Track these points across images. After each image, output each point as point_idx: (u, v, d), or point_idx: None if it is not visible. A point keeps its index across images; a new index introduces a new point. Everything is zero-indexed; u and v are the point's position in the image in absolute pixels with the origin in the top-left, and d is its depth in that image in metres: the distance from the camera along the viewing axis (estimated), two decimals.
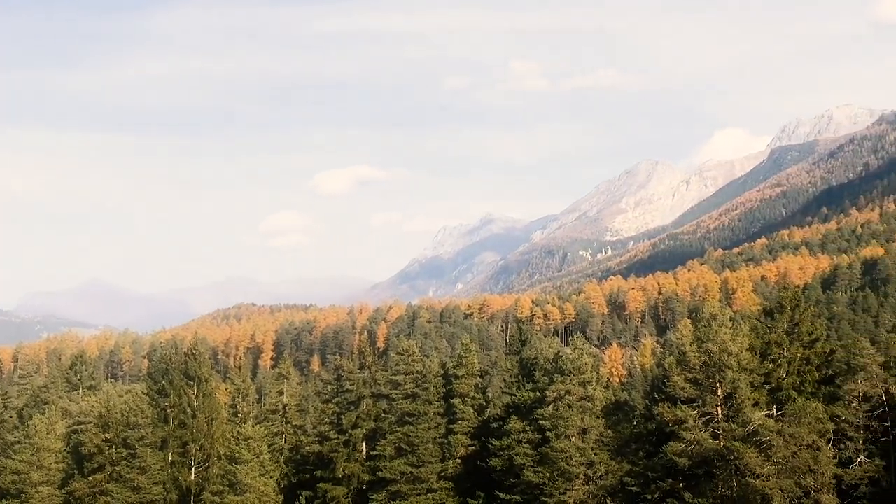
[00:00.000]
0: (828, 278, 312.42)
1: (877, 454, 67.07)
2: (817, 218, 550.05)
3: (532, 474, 73.31)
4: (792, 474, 60.80)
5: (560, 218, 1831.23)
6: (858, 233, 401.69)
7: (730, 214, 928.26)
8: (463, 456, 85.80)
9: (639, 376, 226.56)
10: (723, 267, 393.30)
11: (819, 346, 73.44)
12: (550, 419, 74.14)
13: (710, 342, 64.85)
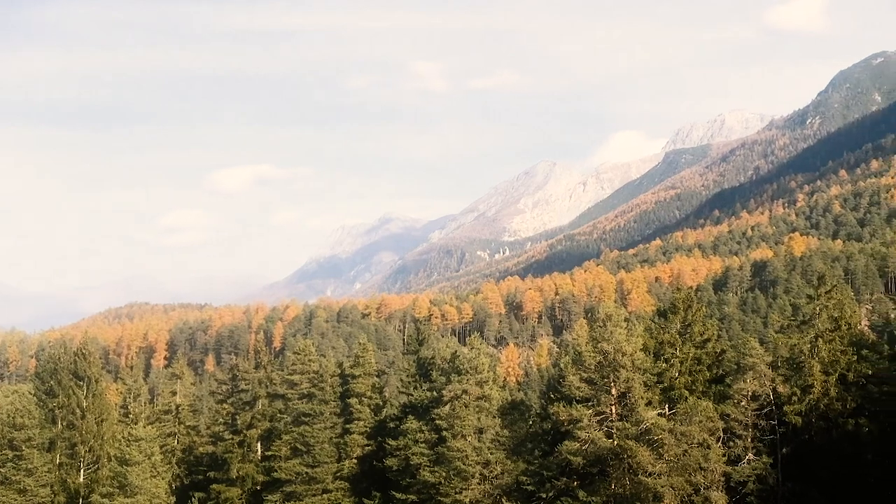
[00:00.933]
0: (719, 279, 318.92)
1: (764, 452, 68.58)
2: (710, 220, 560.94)
3: (428, 474, 73.32)
4: (683, 472, 61.78)
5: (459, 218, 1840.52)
6: (749, 235, 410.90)
7: (626, 216, 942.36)
8: (359, 456, 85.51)
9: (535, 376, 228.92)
10: (618, 268, 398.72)
11: (710, 346, 74.86)
12: (447, 419, 74.24)
13: (606, 342, 65.52)
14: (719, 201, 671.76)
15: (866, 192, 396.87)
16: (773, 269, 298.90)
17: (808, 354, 72.78)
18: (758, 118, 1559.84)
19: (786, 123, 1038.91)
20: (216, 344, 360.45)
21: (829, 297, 75.36)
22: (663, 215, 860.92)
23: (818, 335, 73.57)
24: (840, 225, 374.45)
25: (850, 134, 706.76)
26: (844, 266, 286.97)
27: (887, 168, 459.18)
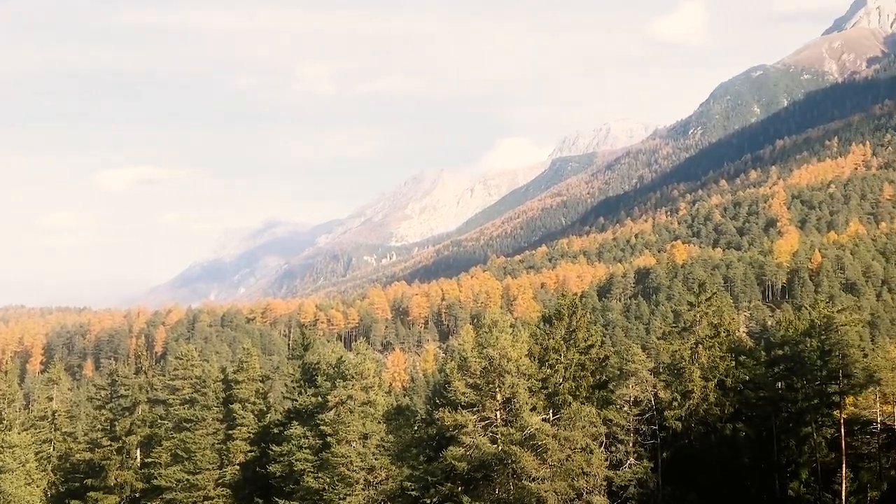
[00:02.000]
0: (604, 286, 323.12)
1: (645, 456, 69.63)
2: (595, 227, 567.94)
3: (312, 480, 72.68)
4: (566, 476, 62.24)
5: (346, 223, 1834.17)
6: (633, 243, 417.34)
7: (512, 222, 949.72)
8: (242, 462, 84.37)
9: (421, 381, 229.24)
10: (505, 274, 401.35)
11: (594, 353, 75.80)
12: (332, 424, 73.74)
13: (491, 348, 65.68)
14: (604, 209, 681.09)
15: (745, 202, 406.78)
16: (655, 277, 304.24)
17: (688, 360, 74.21)
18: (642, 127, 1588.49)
19: (669, 133, 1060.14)
20: (95, 349, 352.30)
21: (709, 305, 76.97)
22: (549, 222, 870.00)
23: (698, 342, 75.06)
24: (720, 233, 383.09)
25: (731, 144, 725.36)
26: (724, 274, 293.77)
27: (765, 178, 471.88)
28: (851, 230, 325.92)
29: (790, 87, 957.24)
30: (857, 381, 77.64)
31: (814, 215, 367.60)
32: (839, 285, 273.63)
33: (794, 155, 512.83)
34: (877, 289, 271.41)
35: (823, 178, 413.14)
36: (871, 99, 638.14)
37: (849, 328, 78.75)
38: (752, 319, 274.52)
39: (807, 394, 78.08)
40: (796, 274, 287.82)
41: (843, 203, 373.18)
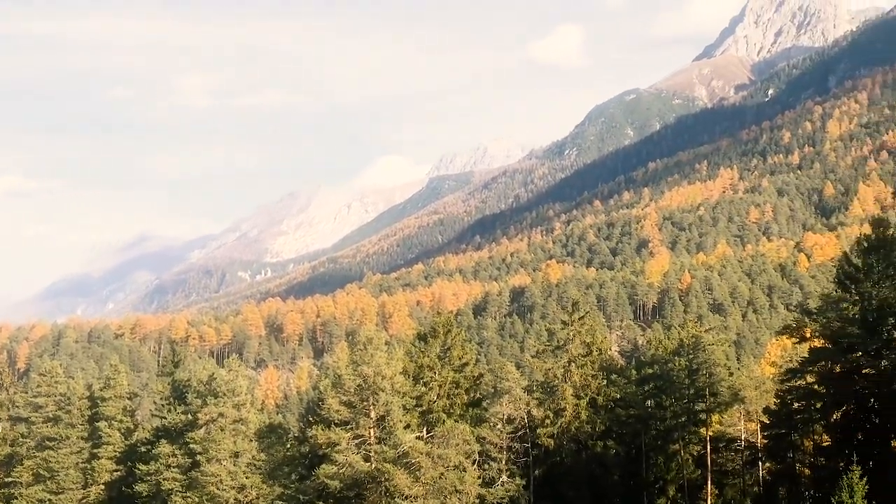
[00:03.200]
0: (479, 304, 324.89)
1: (518, 474, 69.94)
2: (471, 246, 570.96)
3: (180, 499, 71.24)
4: (439, 494, 62.08)
5: (220, 238, 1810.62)
6: (508, 261, 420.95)
7: (389, 240, 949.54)
8: (107, 482, 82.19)
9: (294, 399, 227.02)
10: (381, 291, 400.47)
11: (468, 370, 75.92)
12: (202, 443, 72.41)
13: (366, 365, 65.27)
14: (481, 227, 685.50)
15: (619, 223, 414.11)
16: (530, 295, 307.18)
17: (561, 379, 74.85)
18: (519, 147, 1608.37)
19: (545, 154, 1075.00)
20: None
21: (582, 324, 77.82)
22: (426, 240, 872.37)
23: (571, 360, 75.79)
24: (594, 253, 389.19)
25: (605, 166, 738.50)
26: (597, 293, 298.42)
27: (638, 200, 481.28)
28: (719, 252, 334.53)
29: (662, 110, 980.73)
30: (722, 399, 79.56)
31: (684, 237, 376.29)
32: (707, 305, 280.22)
33: (665, 177, 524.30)
34: (742, 309, 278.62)
35: (693, 201, 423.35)
36: (739, 124, 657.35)
37: (715, 347, 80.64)
38: (624, 338, 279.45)
39: (675, 412, 79.60)
40: (667, 294, 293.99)
41: (712, 225, 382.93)
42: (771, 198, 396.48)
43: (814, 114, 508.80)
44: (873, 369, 60.83)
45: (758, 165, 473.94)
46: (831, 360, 63.37)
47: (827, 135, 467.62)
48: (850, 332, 60.60)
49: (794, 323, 70.99)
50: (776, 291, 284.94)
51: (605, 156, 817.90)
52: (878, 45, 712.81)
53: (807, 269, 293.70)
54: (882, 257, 60.81)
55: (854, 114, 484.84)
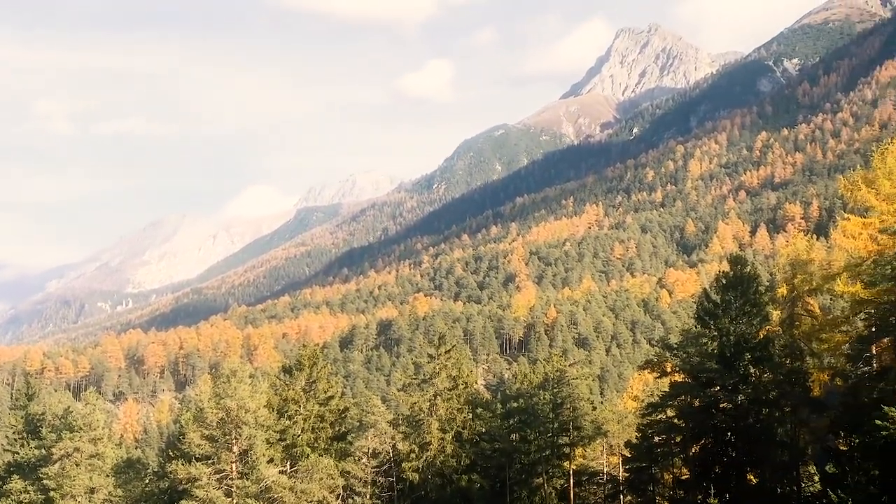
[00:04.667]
0: (346, 337, 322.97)
1: None
2: (339, 278, 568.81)
3: None
4: None
5: (79, 267, 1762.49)
6: (376, 294, 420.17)
7: (255, 271, 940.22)
8: None
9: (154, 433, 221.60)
10: (246, 323, 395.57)
11: (334, 404, 75.20)
12: (56, 478, 69.96)
13: (229, 398, 63.95)
14: (349, 260, 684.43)
15: (486, 257, 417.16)
16: (397, 328, 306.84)
17: (427, 412, 74.64)
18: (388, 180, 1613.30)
19: (414, 187, 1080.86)
20: None
21: (449, 357, 77.80)
22: (293, 271, 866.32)
23: (437, 394, 75.65)
24: (462, 287, 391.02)
25: (473, 200, 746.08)
26: (464, 327, 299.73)
27: (506, 234, 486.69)
28: (584, 287, 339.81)
29: (530, 146, 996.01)
30: (586, 433, 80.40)
31: (550, 271, 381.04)
32: (572, 340, 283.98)
33: (532, 212, 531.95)
34: (606, 343, 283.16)
35: (560, 236, 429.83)
36: (605, 161, 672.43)
37: (579, 382, 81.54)
38: (490, 372, 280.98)
39: (539, 445, 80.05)
40: (533, 328, 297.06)
41: (578, 260, 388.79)
42: (635, 234, 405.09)
43: (676, 153, 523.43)
44: (730, 404, 62.21)
45: (622, 202, 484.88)
46: (691, 395, 64.57)
47: (688, 174, 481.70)
48: (708, 367, 61.88)
49: (656, 358, 72.21)
50: (639, 326, 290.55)
51: (474, 190, 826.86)
52: (737, 87, 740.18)
53: (668, 304, 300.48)
54: (739, 294, 62.39)
55: (714, 154, 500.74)
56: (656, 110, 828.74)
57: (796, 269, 66.38)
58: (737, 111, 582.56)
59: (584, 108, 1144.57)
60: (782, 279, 68.31)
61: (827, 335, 64.78)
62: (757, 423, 61.53)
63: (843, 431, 59.75)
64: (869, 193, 58.62)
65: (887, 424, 50.86)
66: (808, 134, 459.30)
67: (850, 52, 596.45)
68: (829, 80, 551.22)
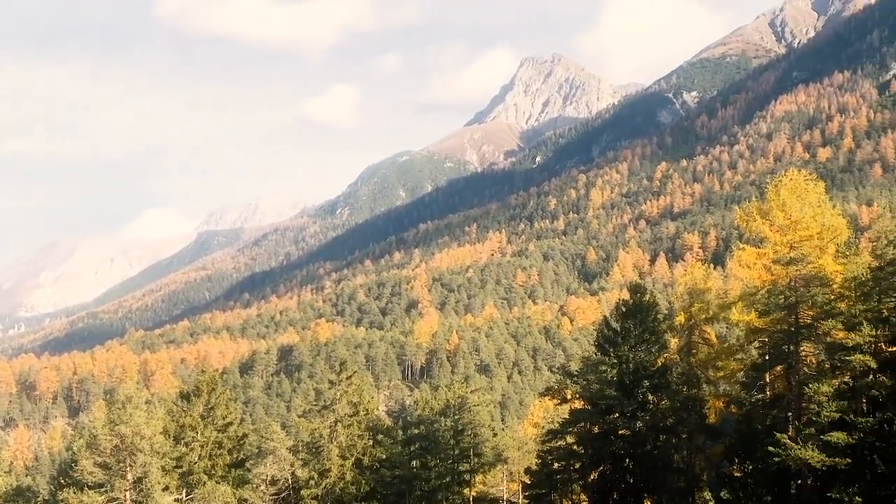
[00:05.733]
0: (246, 363, 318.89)
1: None
2: (240, 303, 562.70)
3: None
4: None
5: None
6: (277, 319, 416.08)
7: (154, 295, 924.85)
8: None
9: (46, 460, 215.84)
10: (143, 348, 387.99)
11: (232, 430, 74.21)
12: None
13: (124, 425, 62.61)
14: (250, 284, 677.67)
15: (389, 283, 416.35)
16: (299, 354, 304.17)
17: (327, 439, 74.10)
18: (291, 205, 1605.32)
19: (317, 212, 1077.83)
20: None
21: (350, 383, 77.42)
22: (193, 296, 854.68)
23: (338, 420, 75.19)
24: (364, 313, 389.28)
25: (377, 226, 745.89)
26: (366, 353, 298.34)
27: (409, 260, 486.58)
28: (487, 313, 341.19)
29: (434, 173, 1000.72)
30: (486, 459, 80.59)
31: (453, 298, 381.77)
32: (474, 366, 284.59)
33: (436, 239, 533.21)
34: (508, 370, 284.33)
35: (463, 263, 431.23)
36: (508, 189, 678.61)
37: (481, 408, 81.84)
38: (392, 398, 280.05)
39: (440, 472, 80.00)
40: (435, 354, 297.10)
41: (480, 287, 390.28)
42: (537, 262, 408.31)
43: (578, 182, 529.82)
44: (629, 430, 62.92)
45: (525, 230, 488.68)
46: (590, 422, 65.11)
47: (590, 202, 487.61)
48: (608, 394, 62.49)
49: (556, 384, 72.62)
50: (540, 353, 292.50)
51: (378, 216, 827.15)
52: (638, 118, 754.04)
53: (570, 331, 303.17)
54: (639, 322, 63.21)
55: (615, 183, 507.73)
56: (559, 139, 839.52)
57: (694, 298, 67.40)
58: (638, 141, 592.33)
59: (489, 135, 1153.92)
60: (680, 307, 69.30)
61: (722, 363, 65.86)
62: (654, 450, 62.31)
63: (737, 458, 60.88)
64: (763, 224, 59.89)
65: (779, 451, 51.93)
66: (706, 165, 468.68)
67: (746, 87, 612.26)
68: (726, 112, 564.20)
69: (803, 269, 56.83)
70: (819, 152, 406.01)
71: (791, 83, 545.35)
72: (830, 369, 55.83)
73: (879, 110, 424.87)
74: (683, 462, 63.97)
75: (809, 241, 57.27)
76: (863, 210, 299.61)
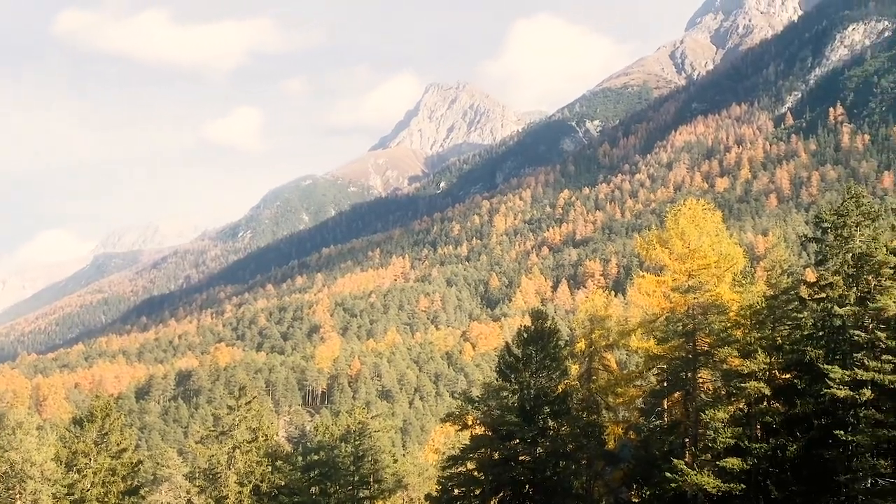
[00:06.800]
0: (143, 388, 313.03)
1: None
2: (137, 327, 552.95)
3: None
4: None
5: None
6: (176, 343, 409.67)
7: (47, 318, 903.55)
8: None
9: None
10: (35, 372, 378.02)
11: (127, 457, 72.61)
12: None
13: (14, 451, 61.00)
14: (148, 308, 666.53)
15: (291, 307, 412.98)
16: (197, 379, 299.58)
17: (224, 465, 72.99)
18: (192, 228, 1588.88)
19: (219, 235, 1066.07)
20: None
21: (249, 409, 76.44)
22: (89, 319, 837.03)
23: (236, 446, 74.11)
24: (265, 337, 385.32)
25: (279, 250, 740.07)
26: (266, 378, 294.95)
27: (311, 285, 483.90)
28: (389, 339, 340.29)
29: (338, 197, 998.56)
30: (386, 485, 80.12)
31: (355, 323, 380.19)
32: (376, 392, 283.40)
33: (339, 263, 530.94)
34: (410, 396, 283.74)
35: (366, 288, 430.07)
36: (412, 214, 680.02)
37: (382, 434, 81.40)
38: (292, 424, 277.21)
39: (339, 498, 79.26)
40: (336, 380, 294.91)
41: (383, 312, 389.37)
42: (440, 287, 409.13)
43: (482, 208, 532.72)
44: (529, 456, 63.08)
45: (429, 255, 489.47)
46: (491, 448, 65.12)
47: (494, 229, 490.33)
48: (509, 420, 62.58)
49: (458, 411, 72.54)
50: (442, 379, 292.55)
51: (280, 240, 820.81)
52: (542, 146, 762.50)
53: (472, 357, 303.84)
54: (540, 348, 63.51)
55: (519, 210, 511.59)
56: (464, 165, 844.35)
57: (594, 325, 68.03)
58: (541, 169, 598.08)
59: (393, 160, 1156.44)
60: (581, 334, 69.91)
61: (622, 389, 66.53)
62: (554, 476, 62.51)
63: (636, 484, 61.43)
64: (663, 253, 60.78)
65: (676, 477, 52.51)
66: (607, 193, 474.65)
67: (647, 116, 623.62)
68: (628, 142, 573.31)
69: (701, 296, 57.79)
70: (717, 182, 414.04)
71: (691, 114, 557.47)
72: (726, 396, 56.77)
73: (775, 142, 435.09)
74: (583, 488, 64.26)
75: (707, 270, 58.27)
76: (759, 240, 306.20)
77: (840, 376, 50.10)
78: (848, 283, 53.19)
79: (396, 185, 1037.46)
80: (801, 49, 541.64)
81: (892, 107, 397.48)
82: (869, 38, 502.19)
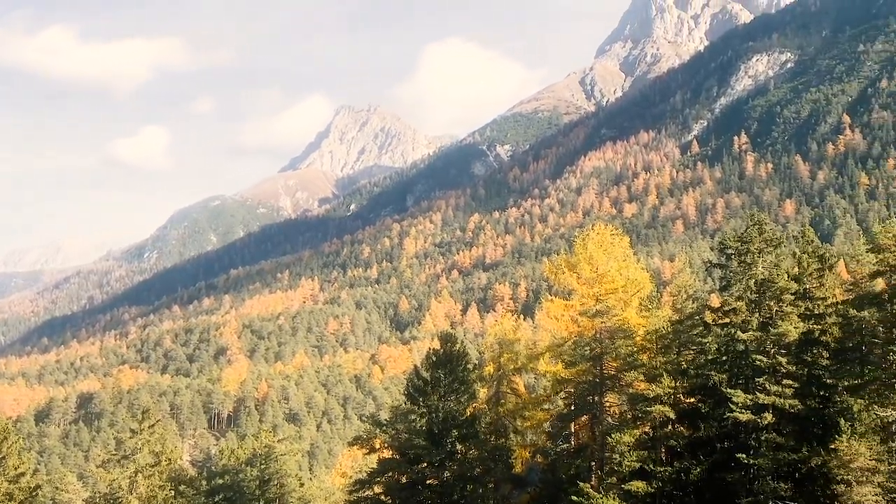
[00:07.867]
0: (42, 410, 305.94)
1: None
2: (38, 348, 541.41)
3: None
4: None
5: None
6: (77, 366, 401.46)
7: None
8: None
9: None
10: None
11: (24, 482, 70.69)
12: None
13: None
14: (49, 329, 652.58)
15: (197, 329, 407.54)
16: (99, 402, 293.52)
17: (126, 490, 71.49)
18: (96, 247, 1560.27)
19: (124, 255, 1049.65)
20: None
21: (152, 432, 74.99)
22: None
23: (138, 470, 72.62)
24: (170, 359, 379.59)
25: (186, 271, 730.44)
26: (171, 401, 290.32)
27: (219, 306, 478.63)
28: (297, 362, 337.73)
29: (247, 218, 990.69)
30: None
31: (263, 345, 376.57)
32: (283, 415, 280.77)
33: (247, 285, 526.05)
34: (318, 419, 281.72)
35: (274, 310, 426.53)
36: (322, 236, 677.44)
37: (288, 458, 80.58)
38: (197, 448, 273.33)
39: None
40: (243, 403, 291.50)
41: (292, 335, 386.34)
42: (350, 310, 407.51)
43: (392, 231, 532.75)
44: (437, 480, 62.85)
45: (338, 277, 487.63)
46: (398, 471, 64.78)
47: (404, 251, 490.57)
48: (417, 443, 62.35)
49: (365, 434, 72.10)
50: (351, 402, 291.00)
51: (187, 260, 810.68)
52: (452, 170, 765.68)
53: (381, 380, 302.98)
54: (449, 371, 63.43)
55: (429, 233, 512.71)
56: (374, 188, 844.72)
57: (503, 349, 68.21)
58: (452, 192, 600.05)
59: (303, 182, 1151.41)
60: (490, 357, 70.04)
61: (530, 413, 66.77)
62: (462, 499, 62.34)
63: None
64: (571, 277, 61.26)
65: (582, 500, 52.76)
66: (517, 217, 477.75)
67: (557, 141, 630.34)
68: (537, 166, 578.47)
69: (608, 321, 58.29)
70: (625, 208, 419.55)
71: (600, 140, 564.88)
72: (632, 419, 57.30)
73: (682, 169, 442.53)
74: None
75: (614, 295, 58.84)
76: (665, 265, 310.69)
77: (742, 400, 50.91)
78: (751, 309, 54.14)
79: (307, 206, 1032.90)
80: (707, 78, 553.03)
81: (794, 136, 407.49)
82: (772, 68, 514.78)
